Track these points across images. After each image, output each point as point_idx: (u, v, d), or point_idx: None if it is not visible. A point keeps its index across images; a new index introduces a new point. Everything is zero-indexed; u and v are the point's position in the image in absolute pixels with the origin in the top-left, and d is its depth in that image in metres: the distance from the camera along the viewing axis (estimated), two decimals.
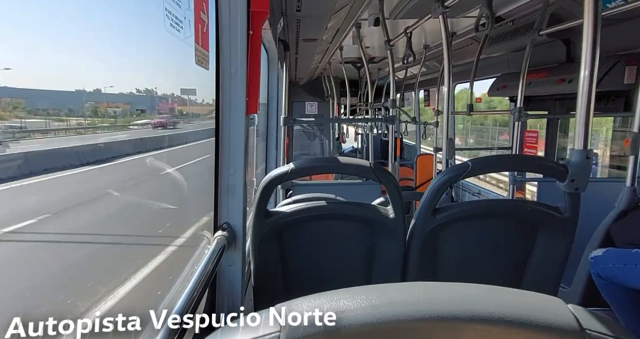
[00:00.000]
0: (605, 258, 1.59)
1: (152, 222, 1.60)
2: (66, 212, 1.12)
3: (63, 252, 1.13)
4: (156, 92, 1.52)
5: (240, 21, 1.09)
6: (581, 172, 1.22)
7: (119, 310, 0.60)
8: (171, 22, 0.89)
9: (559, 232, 1.29)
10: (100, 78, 1.08)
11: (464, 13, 2.66)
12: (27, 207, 0.95)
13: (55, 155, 1.04)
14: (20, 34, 0.76)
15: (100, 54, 1.03)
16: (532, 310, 0.37)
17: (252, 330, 0.38)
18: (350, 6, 2.32)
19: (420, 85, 5.39)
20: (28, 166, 0.94)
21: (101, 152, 1.25)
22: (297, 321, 0.38)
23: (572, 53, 2.78)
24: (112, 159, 1.31)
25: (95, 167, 1.21)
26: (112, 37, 1.07)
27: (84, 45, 0.95)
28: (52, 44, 0.86)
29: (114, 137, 1.30)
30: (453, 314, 0.37)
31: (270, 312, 0.40)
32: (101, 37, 1.01)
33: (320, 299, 0.40)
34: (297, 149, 7.15)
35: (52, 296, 1.01)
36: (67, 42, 0.90)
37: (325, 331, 0.37)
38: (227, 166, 1.21)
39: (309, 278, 1.36)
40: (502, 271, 1.36)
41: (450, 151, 2.41)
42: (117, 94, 1.26)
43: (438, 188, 1.27)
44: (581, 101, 1.25)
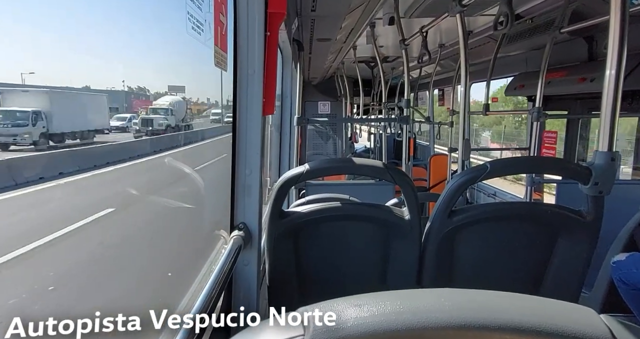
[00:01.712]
0: (628, 262, 1.55)
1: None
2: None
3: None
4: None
5: (258, 22, 1.10)
6: (606, 174, 1.18)
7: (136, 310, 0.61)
8: (192, 25, 0.90)
9: (581, 237, 1.25)
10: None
11: (482, 11, 2.62)
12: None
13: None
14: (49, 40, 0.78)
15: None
16: (563, 320, 0.36)
17: (277, 333, 0.38)
18: (365, 5, 2.31)
19: (435, 84, 5.32)
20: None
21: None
22: (321, 325, 0.37)
23: (595, 51, 2.70)
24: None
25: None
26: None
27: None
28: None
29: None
30: (481, 323, 0.36)
31: (294, 315, 0.40)
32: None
33: (343, 303, 0.39)
34: (310, 148, 7.15)
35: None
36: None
37: (348, 337, 0.37)
38: (243, 167, 1.22)
39: (323, 279, 1.36)
40: (521, 275, 1.34)
41: (466, 152, 2.37)
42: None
43: (456, 190, 1.25)
44: (606, 101, 1.21)
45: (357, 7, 2.30)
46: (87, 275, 1.34)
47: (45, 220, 1.61)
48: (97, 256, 1.60)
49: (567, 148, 3.42)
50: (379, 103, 6.07)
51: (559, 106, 3.31)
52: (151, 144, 2.35)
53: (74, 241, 1.63)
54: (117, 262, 1.71)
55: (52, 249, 1.55)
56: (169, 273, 1.29)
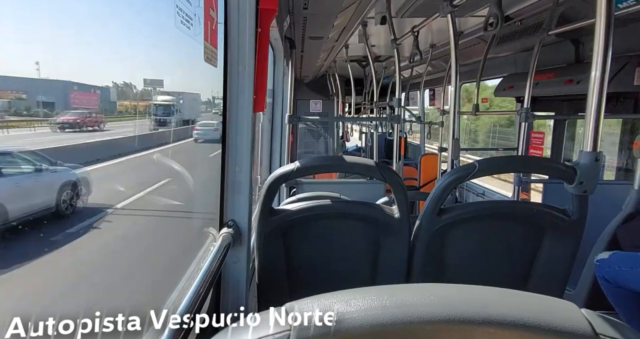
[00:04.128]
0: (611, 261, 1.58)
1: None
2: None
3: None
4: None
5: (249, 18, 1.09)
6: (590, 174, 1.21)
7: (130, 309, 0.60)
8: (182, 19, 0.89)
9: (565, 235, 1.28)
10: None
11: (472, 12, 2.64)
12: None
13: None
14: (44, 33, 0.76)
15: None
16: (545, 314, 0.37)
17: (263, 329, 0.38)
18: (357, 4, 2.31)
19: (426, 84, 5.36)
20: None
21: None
22: (308, 320, 0.37)
23: (581, 53, 2.75)
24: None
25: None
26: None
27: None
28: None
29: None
30: (465, 316, 0.36)
31: (280, 311, 0.39)
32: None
33: (331, 299, 0.39)
34: (302, 147, 7.14)
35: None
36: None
37: (336, 332, 0.37)
38: (233, 164, 1.21)
39: (313, 276, 1.37)
40: (508, 272, 1.36)
41: (455, 151, 2.39)
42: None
43: (444, 188, 1.26)
44: (591, 102, 1.24)
45: (349, 5, 2.30)
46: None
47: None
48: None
49: (553, 148, 3.48)
50: (371, 102, 6.10)
51: (547, 107, 3.37)
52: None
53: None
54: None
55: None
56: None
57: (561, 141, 3.44)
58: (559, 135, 3.45)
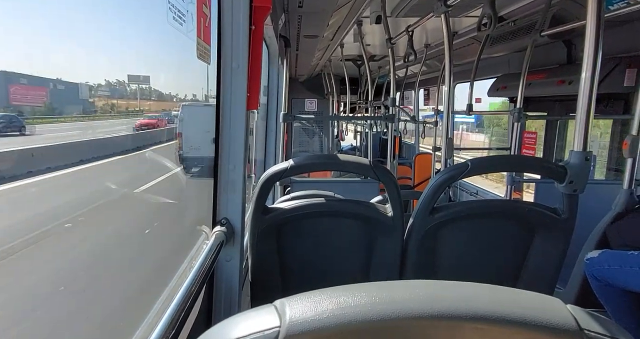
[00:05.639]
0: (600, 259, 1.60)
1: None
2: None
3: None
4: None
5: (242, 16, 1.09)
6: (580, 173, 1.22)
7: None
8: (174, 15, 0.88)
9: (556, 234, 1.29)
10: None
11: (466, 12, 2.66)
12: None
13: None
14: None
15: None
16: (531, 310, 0.38)
17: (253, 325, 0.38)
18: (352, 3, 2.31)
19: (421, 84, 5.39)
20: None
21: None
22: (298, 317, 0.37)
23: (573, 55, 2.78)
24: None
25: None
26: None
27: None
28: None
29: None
30: (453, 312, 0.37)
31: (270, 307, 0.39)
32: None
33: (320, 295, 0.40)
34: (296, 146, 7.14)
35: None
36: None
37: (325, 328, 0.37)
38: (227, 162, 1.20)
39: (306, 275, 1.36)
40: (499, 270, 1.37)
41: (449, 151, 2.41)
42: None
43: (437, 187, 1.27)
44: (581, 103, 1.25)
45: (344, 4, 2.30)
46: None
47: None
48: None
49: (545, 148, 3.52)
50: (366, 101, 6.11)
51: (540, 108, 3.40)
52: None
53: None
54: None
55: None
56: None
57: (553, 141, 3.48)
58: (551, 135, 3.49)
